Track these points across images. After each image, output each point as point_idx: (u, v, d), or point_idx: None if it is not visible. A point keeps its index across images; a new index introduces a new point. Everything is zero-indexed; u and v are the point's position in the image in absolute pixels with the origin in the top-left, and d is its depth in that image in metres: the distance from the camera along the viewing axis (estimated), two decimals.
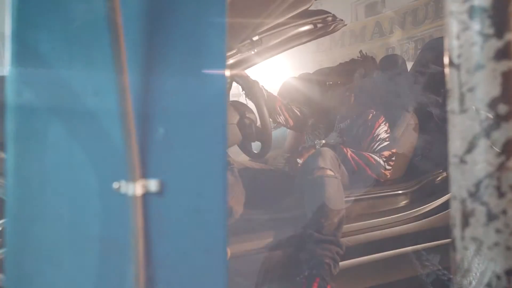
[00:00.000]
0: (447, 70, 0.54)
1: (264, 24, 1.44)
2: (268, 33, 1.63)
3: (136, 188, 0.60)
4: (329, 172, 1.57)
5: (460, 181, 0.52)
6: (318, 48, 6.98)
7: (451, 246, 0.57)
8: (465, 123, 0.51)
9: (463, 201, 0.52)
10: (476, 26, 0.49)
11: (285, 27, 1.69)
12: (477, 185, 0.50)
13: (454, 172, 0.53)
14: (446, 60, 0.54)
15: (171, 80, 0.63)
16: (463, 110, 0.51)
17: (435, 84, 2.13)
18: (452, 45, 0.52)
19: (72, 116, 0.64)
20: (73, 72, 0.62)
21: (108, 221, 0.63)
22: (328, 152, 1.63)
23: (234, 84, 1.89)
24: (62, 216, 0.62)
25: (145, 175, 0.61)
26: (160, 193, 0.62)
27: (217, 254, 0.64)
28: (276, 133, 2.43)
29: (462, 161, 0.51)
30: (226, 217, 0.64)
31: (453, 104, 0.53)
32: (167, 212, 0.63)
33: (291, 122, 2.10)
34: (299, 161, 1.79)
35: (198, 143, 0.63)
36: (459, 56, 0.51)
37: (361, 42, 6.14)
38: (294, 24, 1.71)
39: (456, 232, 0.54)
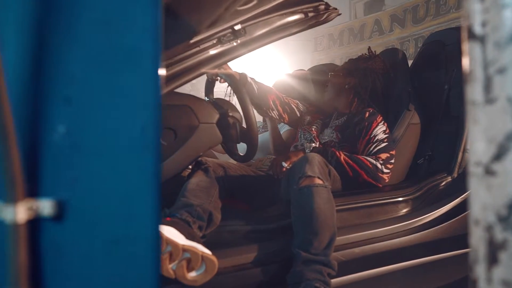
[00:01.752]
0: (465, 45, 0.40)
1: (237, 3, 1.26)
2: (252, 21, 1.46)
3: (18, 212, 0.42)
4: (318, 181, 1.40)
5: (485, 199, 0.38)
6: (316, 48, 6.91)
7: None
8: (492, 118, 0.37)
9: (489, 228, 0.38)
10: None
11: (272, 15, 1.51)
12: (511, 206, 0.37)
13: (476, 187, 0.39)
14: (464, 31, 0.40)
15: (77, 61, 0.45)
16: (489, 100, 0.38)
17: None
18: (473, 9, 0.39)
19: None
20: None
21: None
22: (316, 158, 1.47)
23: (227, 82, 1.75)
24: None
25: (34, 193, 0.43)
26: (58, 217, 0.44)
27: None
28: (267, 135, 2.30)
29: (489, 171, 0.38)
30: (158, 249, 0.47)
31: (474, 92, 0.39)
32: (69, 244, 0.44)
33: (286, 118, 1.97)
34: (285, 164, 1.63)
35: (116, 147, 0.46)
36: (483, 24, 0.38)
37: (360, 41, 6.02)
38: (282, 12, 1.54)
39: (479, 270, 0.40)
